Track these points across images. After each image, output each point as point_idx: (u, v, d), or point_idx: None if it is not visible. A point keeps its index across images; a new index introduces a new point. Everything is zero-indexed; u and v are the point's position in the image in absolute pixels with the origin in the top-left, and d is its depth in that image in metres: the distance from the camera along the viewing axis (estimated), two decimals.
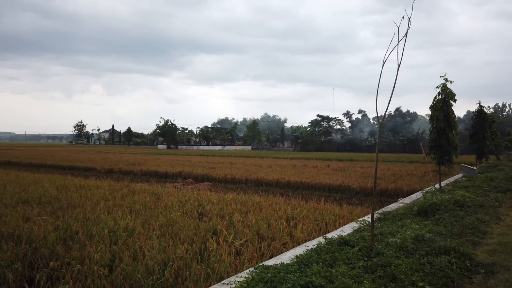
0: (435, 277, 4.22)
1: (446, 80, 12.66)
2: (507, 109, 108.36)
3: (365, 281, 3.91)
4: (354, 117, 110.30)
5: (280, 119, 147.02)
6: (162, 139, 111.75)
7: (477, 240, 6.24)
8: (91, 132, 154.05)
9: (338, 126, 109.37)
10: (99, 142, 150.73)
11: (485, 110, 26.24)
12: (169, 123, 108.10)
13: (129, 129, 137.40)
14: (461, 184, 14.69)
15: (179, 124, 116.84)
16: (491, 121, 27.86)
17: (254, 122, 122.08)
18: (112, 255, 6.24)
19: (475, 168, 21.87)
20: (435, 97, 13.00)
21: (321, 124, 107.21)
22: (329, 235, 6.38)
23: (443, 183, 13.93)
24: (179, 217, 9.34)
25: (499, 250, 5.65)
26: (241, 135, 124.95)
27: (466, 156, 30.29)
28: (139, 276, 5.32)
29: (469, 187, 13.30)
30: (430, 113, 13.57)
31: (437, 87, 12.86)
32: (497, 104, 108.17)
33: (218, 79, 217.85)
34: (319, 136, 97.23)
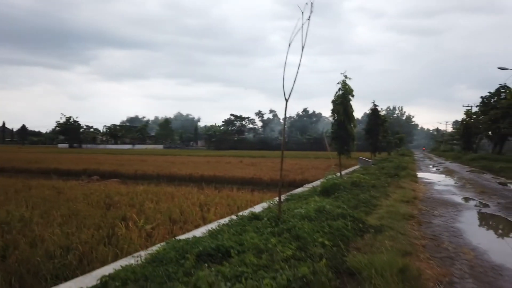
0: (333, 235, 4.71)
1: (346, 77, 13.93)
2: (397, 112, 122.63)
3: (271, 240, 4.20)
4: (265, 117, 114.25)
5: (194, 118, 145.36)
6: (63, 137, 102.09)
7: (369, 210, 7.08)
8: None
9: (251, 126, 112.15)
10: None
11: (378, 109, 29.38)
12: (71, 120, 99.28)
13: (23, 127, 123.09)
14: (359, 172, 16.29)
15: (84, 122, 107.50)
16: (383, 121, 31.33)
17: (167, 121, 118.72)
18: (4, 244, 5.65)
19: (370, 160, 24.42)
20: (336, 92, 14.21)
21: (235, 124, 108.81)
22: (240, 213, 6.62)
23: (343, 173, 15.27)
24: (84, 208, 8.78)
25: (386, 217, 6.49)
26: (153, 134, 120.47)
27: (363, 153, 33.58)
28: (38, 259, 4.93)
29: (365, 174, 14.82)
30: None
31: (338, 83, 14.07)
32: (388, 107, 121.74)
33: (127, 76, 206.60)
34: (233, 135, 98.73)
